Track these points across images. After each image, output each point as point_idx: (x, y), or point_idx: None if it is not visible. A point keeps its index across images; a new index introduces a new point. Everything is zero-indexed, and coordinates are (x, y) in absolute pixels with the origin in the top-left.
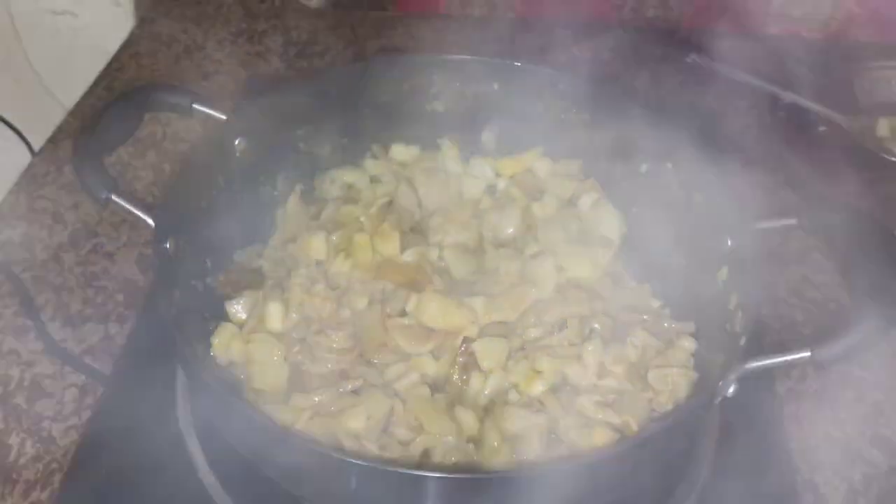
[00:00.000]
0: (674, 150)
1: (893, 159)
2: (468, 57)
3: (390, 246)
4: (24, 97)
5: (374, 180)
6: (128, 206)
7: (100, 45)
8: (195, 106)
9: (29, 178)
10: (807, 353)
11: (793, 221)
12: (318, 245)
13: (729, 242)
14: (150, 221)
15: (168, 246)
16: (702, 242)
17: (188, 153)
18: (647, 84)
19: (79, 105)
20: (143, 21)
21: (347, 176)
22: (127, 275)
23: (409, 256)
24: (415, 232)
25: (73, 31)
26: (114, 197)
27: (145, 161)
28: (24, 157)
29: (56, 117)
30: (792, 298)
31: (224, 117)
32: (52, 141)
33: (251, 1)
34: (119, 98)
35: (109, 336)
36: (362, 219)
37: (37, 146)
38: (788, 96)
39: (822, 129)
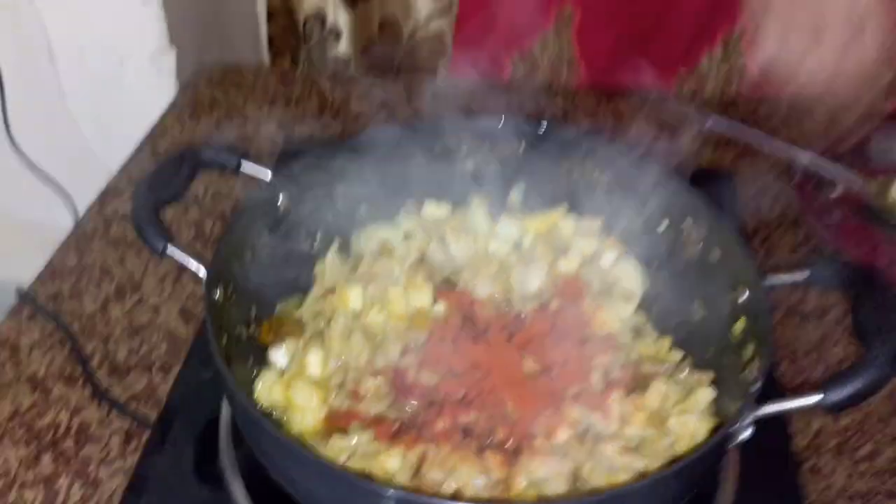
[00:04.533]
0: (692, 209)
1: None
2: (495, 120)
3: (423, 298)
4: (68, 157)
5: (407, 236)
6: (183, 255)
7: (143, 110)
8: (243, 164)
9: (79, 235)
10: (819, 396)
11: (803, 276)
12: (354, 297)
13: (745, 296)
14: (202, 272)
15: (217, 295)
16: (719, 296)
17: (232, 209)
18: (667, 146)
19: (126, 166)
20: (185, 87)
21: (382, 232)
22: (170, 327)
23: (439, 308)
24: (446, 285)
25: (117, 94)
26: (169, 247)
27: (188, 218)
28: (67, 215)
29: (99, 177)
30: (809, 350)
31: (269, 175)
32: (101, 199)
33: (286, 68)
34: (174, 157)
35: (153, 384)
36: (396, 272)
37: (80, 204)
38: (805, 157)
39: (838, 189)
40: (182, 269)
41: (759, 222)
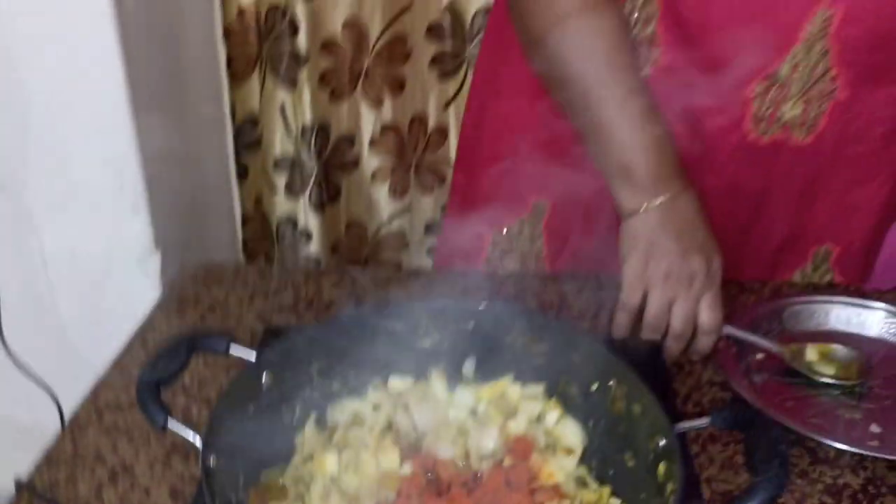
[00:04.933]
0: (615, 372)
1: (822, 379)
2: (446, 302)
3: (391, 461)
4: (56, 357)
5: (375, 407)
6: (181, 427)
7: (129, 310)
8: (231, 346)
9: (74, 425)
10: None
11: (704, 422)
12: (331, 463)
13: (662, 442)
14: (198, 441)
15: (211, 463)
16: (643, 445)
17: (220, 390)
18: (604, 320)
19: (118, 359)
20: (171, 285)
21: (353, 405)
22: None
23: (406, 469)
24: (411, 448)
25: (105, 296)
26: (170, 421)
27: (175, 402)
28: (53, 414)
29: (85, 376)
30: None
31: (253, 356)
32: (94, 390)
33: (262, 265)
34: (172, 342)
35: None
36: (367, 439)
37: (65, 404)
38: (726, 329)
39: (759, 356)
40: (170, 452)
41: (685, 378)
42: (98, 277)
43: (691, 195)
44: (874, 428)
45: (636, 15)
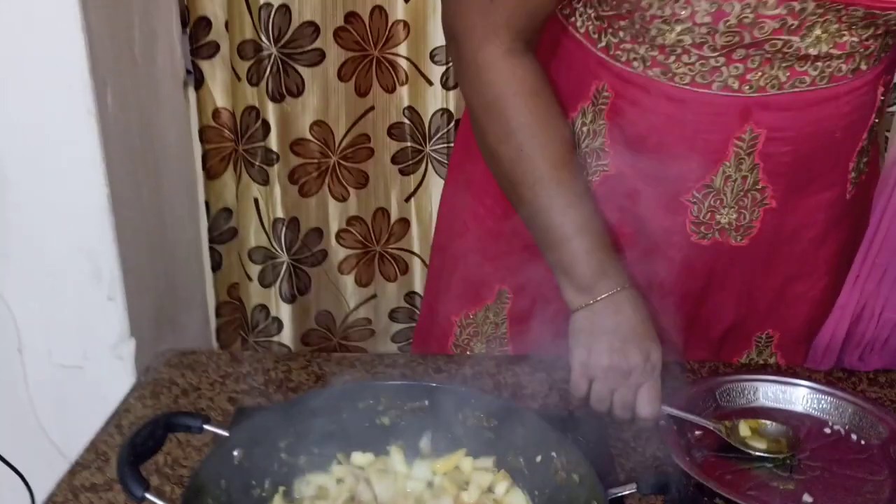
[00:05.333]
0: (556, 445)
1: (756, 453)
2: (403, 383)
3: None
4: (27, 442)
5: (339, 481)
6: (158, 500)
7: (101, 396)
8: (206, 426)
9: None
10: None
11: (632, 489)
12: None
13: None
14: None
15: None
16: None
17: (193, 468)
18: (554, 400)
19: (93, 441)
20: (146, 370)
21: (318, 479)
22: None
23: None
24: None
25: (79, 383)
26: (147, 495)
27: (151, 480)
28: (24, 498)
29: (56, 463)
30: None
31: (227, 434)
32: (71, 470)
33: (235, 351)
34: (149, 421)
35: None
36: None
37: (37, 489)
38: (666, 410)
39: (697, 433)
40: None
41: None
42: (72, 365)
43: (631, 293)
44: (807, 498)
45: (585, 129)
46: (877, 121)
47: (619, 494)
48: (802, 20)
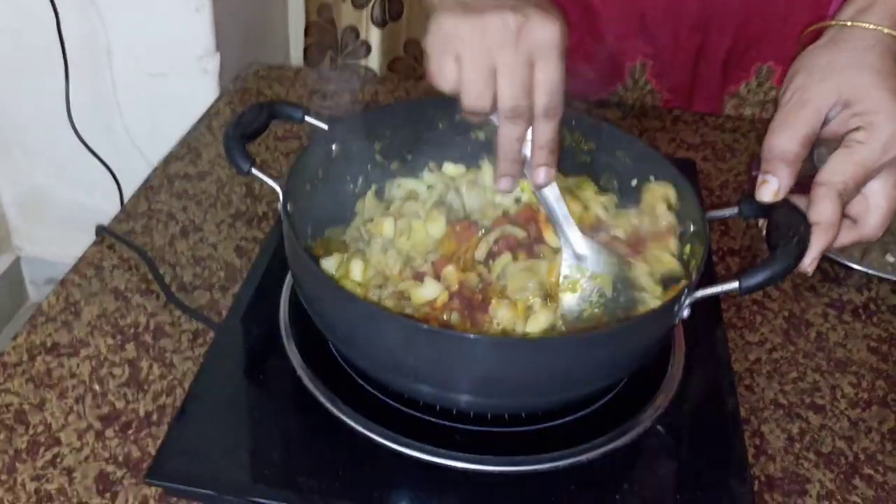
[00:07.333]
0: (654, 169)
1: None
2: None
3: (438, 228)
4: (115, 144)
5: (429, 187)
6: (264, 176)
7: (185, 108)
8: (306, 117)
9: (147, 188)
10: (736, 283)
11: (733, 211)
12: (388, 227)
13: (692, 228)
14: (279, 188)
15: (289, 208)
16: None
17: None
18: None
19: (184, 138)
20: (235, 78)
21: (409, 184)
22: (228, 259)
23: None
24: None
25: (163, 92)
26: (254, 169)
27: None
28: (113, 194)
29: (141, 165)
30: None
31: (326, 127)
32: (165, 160)
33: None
34: (255, 105)
35: (215, 299)
36: (420, 211)
37: (125, 187)
38: None
39: None
40: (235, 217)
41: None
42: (158, 74)
43: None
44: (889, 258)
45: None
46: None
47: (720, 217)
48: None
